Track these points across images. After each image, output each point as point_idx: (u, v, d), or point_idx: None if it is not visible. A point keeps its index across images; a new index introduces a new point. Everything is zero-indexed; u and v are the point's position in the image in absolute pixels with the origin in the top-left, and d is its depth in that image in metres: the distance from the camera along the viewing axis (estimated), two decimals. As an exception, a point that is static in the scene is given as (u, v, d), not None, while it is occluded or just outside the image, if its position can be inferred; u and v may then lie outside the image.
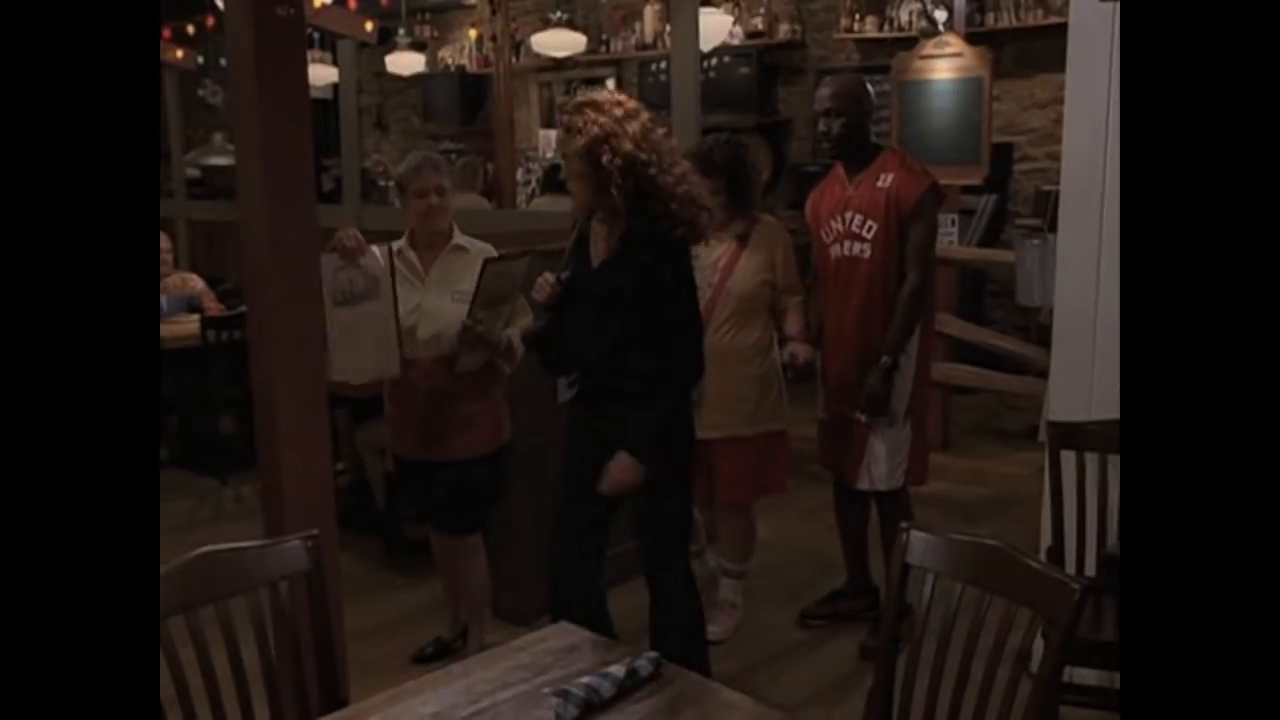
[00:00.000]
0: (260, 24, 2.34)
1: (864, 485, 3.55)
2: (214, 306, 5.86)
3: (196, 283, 6.08)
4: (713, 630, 3.64)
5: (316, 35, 7.66)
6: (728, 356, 3.40)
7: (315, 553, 2.09)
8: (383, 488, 4.57)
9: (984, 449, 5.87)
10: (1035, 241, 4.58)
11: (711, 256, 3.45)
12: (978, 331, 5.54)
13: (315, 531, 2.13)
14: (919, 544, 2.08)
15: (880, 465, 3.50)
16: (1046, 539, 3.09)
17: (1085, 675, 2.92)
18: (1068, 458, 2.94)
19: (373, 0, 6.20)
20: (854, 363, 3.46)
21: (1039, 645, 1.91)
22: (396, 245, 3.29)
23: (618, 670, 1.72)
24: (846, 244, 3.45)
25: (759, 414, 3.51)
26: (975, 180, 5.59)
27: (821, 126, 3.49)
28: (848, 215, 3.44)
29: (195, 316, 5.55)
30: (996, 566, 1.98)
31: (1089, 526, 2.91)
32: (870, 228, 3.38)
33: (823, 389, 3.65)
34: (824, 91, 3.48)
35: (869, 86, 3.55)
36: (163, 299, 5.90)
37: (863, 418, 3.44)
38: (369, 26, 5.93)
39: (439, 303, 3.21)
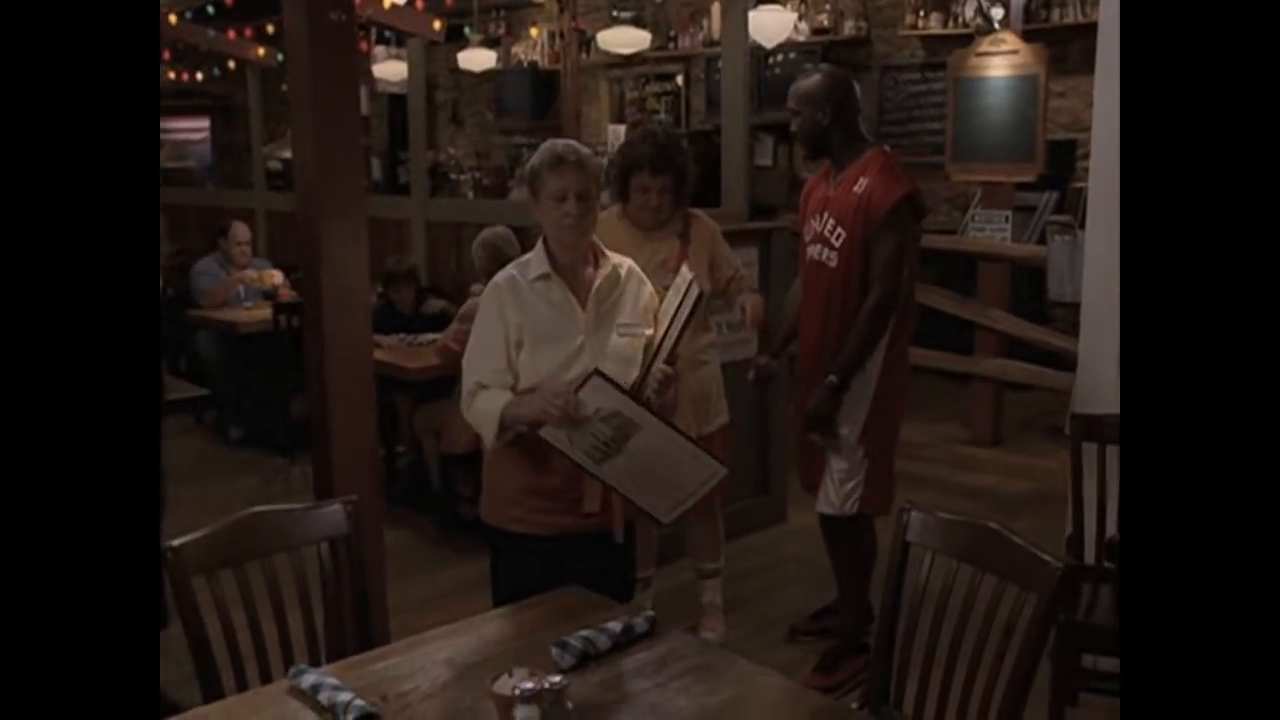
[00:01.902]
0: (314, 28, 2.53)
1: (821, 508, 3.33)
2: (289, 297, 6.13)
3: (276, 276, 6.36)
4: (707, 637, 3.54)
5: (391, 34, 7.93)
6: (691, 359, 3.22)
7: (355, 517, 2.27)
8: (438, 468, 4.78)
9: (1035, 445, 5.88)
10: (1066, 237, 4.61)
11: (657, 257, 3.19)
12: (1032, 329, 5.55)
13: (355, 497, 2.31)
14: (918, 523, 2.20)
15: (833, 489, 3.26)
16: (1069, 528, 3.16)
17: (1108, 663, 2.98)
18: (1089, 450, 3.01)
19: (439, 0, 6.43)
20: (815, 377, 3.22)
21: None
22: (530, 270, 2.46)
23: (615, 626, 1.86)
24: (818, 248, 3.24)
25: (713, 410, 3.40)
26: (1029, 177, 5.60)
27: (792, 127, 3.31)
28: (824, 217, 3.23)
29: (269, 303, 5.84)
30: (988, 546, 2.08)
31: (1110, 516, 2.98)
32: (839, 235, 3.16)
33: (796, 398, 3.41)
34: (793, 89, 3.27)
35: (848, 82, 3.29)
36: (239, 289, 6.23)
37: (814, 437, 3.24)
38: (436, 25, 6.15)
39: (599, 341, 2.46)
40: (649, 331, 2.51)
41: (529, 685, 1.50)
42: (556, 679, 1.52)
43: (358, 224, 2.72)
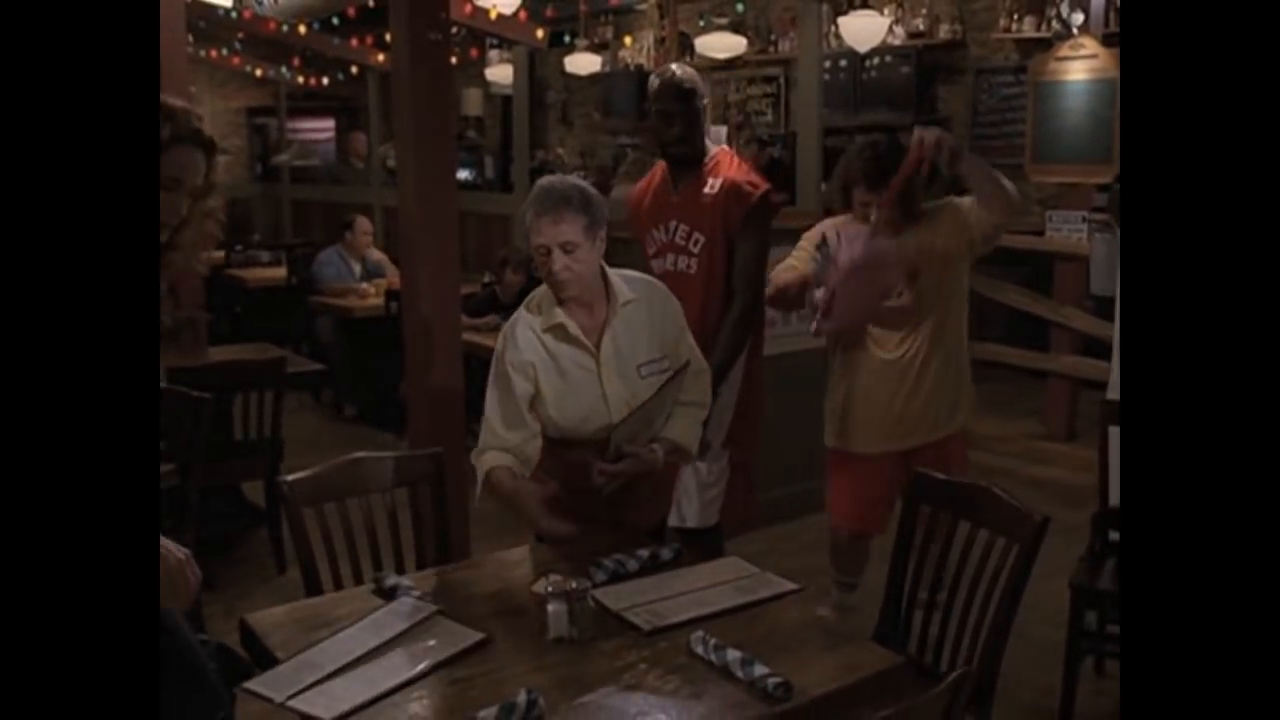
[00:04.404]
0: (414, 45, 2.93)
1: (674, 521, 3.04)
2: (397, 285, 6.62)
3: (388, 265, 6.88)
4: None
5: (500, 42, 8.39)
6: None
7: (439, 466, 2.65)
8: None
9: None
10: (1106, 235, 4.76)
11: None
12: (1102, 325, 5.68)
13: (440, 449, 2.70)
14: (922, 483, 2.50)
15: (692, 500, 3.05)
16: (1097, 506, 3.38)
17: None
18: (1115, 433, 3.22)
19: (542, 7, 6.85)
20: None
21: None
22: (541, 318, 2.38)
23: (643, 553, 2.20)
24: (670, 258, 3.03)
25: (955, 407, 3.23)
26: (1106, 179, 5.72)
27: (666, 134, 2.99)
28: (671, 225, 3.02)
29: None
30: (982, 503, 2.37)
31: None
32: (697, 240, 2.98)
33: None
34: (666, 88, 2.97)
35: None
36: (362, 288, 6.70)
37: None
38: (540, 34, 6.59)
39: (621, 387, 2.38)
40: (668, 365, 2.41)
41: (559, 587, 1.86)
42: (581, 582, 1.87)
43: (449, 223, 3.11)
